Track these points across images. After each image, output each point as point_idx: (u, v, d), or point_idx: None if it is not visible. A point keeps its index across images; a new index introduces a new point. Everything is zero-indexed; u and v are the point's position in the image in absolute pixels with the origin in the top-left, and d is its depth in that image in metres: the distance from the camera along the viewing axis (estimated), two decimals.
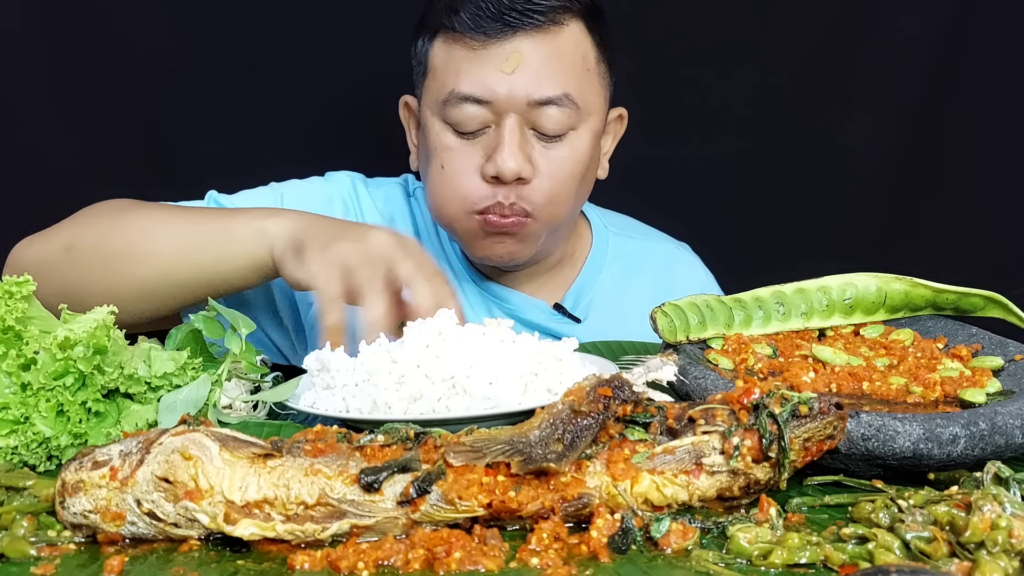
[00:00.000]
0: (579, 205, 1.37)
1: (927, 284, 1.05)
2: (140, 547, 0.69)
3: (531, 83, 1.24)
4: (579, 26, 1.28)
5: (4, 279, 0.92)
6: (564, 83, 1.25)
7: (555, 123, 1.26)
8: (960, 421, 0.77)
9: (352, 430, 0.76)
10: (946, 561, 0.64)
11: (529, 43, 1.24)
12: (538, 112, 1.25)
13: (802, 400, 0.74)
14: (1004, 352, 0.97)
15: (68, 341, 0.88)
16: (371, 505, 0.68)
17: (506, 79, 1.23)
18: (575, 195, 1.32)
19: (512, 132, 1.24)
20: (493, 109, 1.25)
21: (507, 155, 1.23)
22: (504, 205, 1.27)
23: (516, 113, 1.25)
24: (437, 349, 0.95)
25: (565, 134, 1.27)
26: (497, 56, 1.24)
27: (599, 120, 1.33)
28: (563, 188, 1.29)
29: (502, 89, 1.24)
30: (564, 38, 1.27)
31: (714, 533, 0.70)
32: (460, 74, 1.26)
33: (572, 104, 1.26)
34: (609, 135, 1.42)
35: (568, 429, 0.70)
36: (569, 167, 1.28)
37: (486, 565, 0.65)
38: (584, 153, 1.30)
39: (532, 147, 1.27)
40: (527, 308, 1.44)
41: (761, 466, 0.73)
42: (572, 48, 1.27)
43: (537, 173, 1.27)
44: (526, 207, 1.28)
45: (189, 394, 0.93)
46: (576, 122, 1.28)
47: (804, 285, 1.05)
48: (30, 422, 0.87)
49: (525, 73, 1.24)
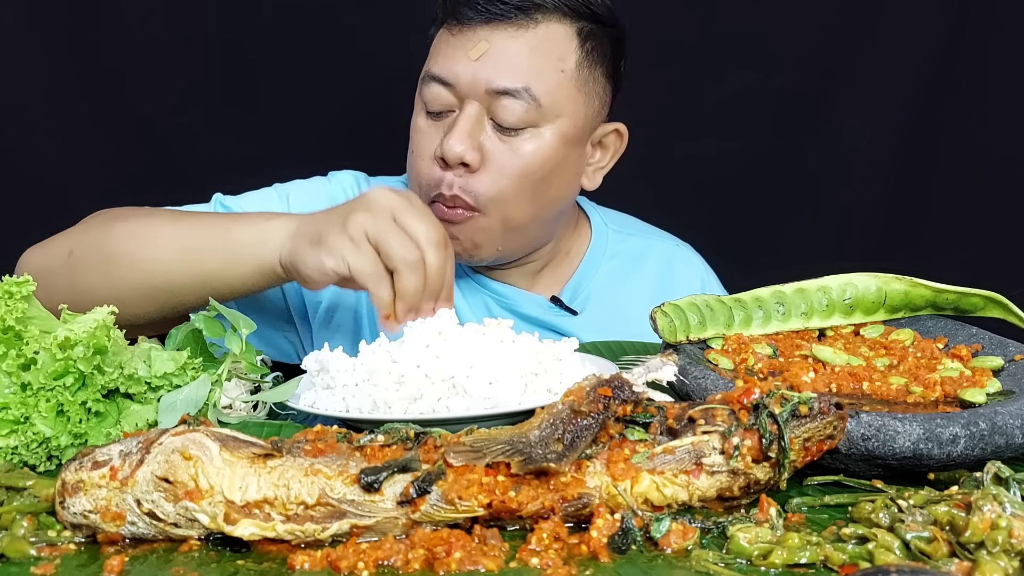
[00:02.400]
0: (542, 209, 1.33)
1: (927, 284, 1.05)
2: (140, 547, 0.69)
3: (493, 72, 1.26)
4: (562, 29, 1.29)
5: (4, 279, 0.92)
6: (527, 78, 1.26)
7: (512, 115, 1.26)
8: (960, 421, 0.77)
9: (352, 430, 0.76)
10: (946, 561, 0.64)
11: (500, 35, 1.27)
12: (497, 102, 1.26)
13: (802, 400, 0.74)
14: (1004, 352, 0.97)
15: (68, 341, 0.88)
16: (371, 505, 0.68)
17: (471, 65, 1.26)
18: (533, 194, 1.30)
19: (467, 118, 1.26)
20: (456, 93, 1.27)
21: (454, 138, 1.25)
22: (446, 196, 1.28)
23: (477, 101, 1.27)
24: (437, 349, 0.95)
25: (523, 129, 1.27)
26: (468, 42, 1.27)
27: (573, 126, 1.31)
28: (510, 184, 1.28)
29: (465, 74, 1.26)
30: (538, 35, 1.27)
31: (714, 533, 0.70)
32: (436, 56, 1.31)
33: (533, 100, 1.26)
34: (607, 150, 1.40)
35: (568, 429, 0.71)
36: (521, 164, 1.28)
37: (486, 565, 0.65)
38: (544, 154, 1.28)
39: (486, 136, 1.27)
40: (524, 302, 1.44)
41: (761, 466, 0.73)
42: (547, 47, 1.28)
43: (486, 163, 1.27)
44: (468, 199, 1.28)
45: (189, 394, 0.93)
46: (537, 120, 1.27)
47: (804, 285, 1.05)
48: (30, 422, 0.87)
49: (490, 62, 1.26)
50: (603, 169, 1.41)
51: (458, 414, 0.88)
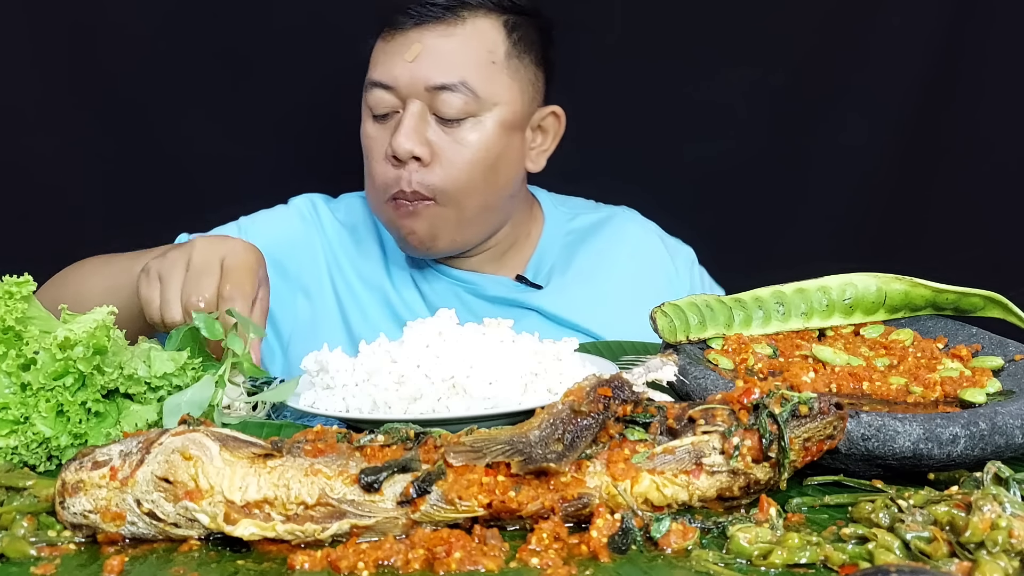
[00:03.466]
0: (493, 195, 1.41)
1: (927, 284, 1.05)
2: (140, 547, 0.69)
3: (430, 70, 1.34)
4: (489, 23, 1.37)
5: (4, 279, 0.92)
6: (462, 72, 1.34)
7: (453, 108, 1.34)
8: (960, 421, 0.77)
9: (352, 430, 0.76)
10: (946, 561, 0.64)
11: (431, 35, 1.35)
12: (437, 97, 1.34)
13: (802, 400, 0.74)
14: (1004, 352, 0.97)
15: (68, 341, 0.88)
16: (371, 505, 0.68)
17: (408, 67, 1.34)
18: (484, 182, 1.38)
19: (411, 115, 1.34)
20: (397, 94, 1.36)
21: (402, 135, 1.33)
22: (407, 192, 1.35)
23: (418, 99, 1.34)
24: (437, 349, 0.95)
25: (465, 120, 1.35)
26: (403, 46, 1.35)
27: (511, 112, 1.38)
28: (463, 172, 1.36)
29: (404, 75, 1.34)
30: (467, 31, 1.36)
31: (714, 533, 0.70)
32: (375, 64, 1.39)
33: (470, 92, 1.34)
34: (547, 133, 1.48)
35: (568, 429, 0.70)
36: (470, 153, 1.35)
37: (486, 565, 0.65)
38: (489, 141, 1.37)
39: (432, 130, 1.35)
40: (491, 285, 1.50)
41: (761, 466, 0.73)
42: (475, 42, 1.36)
43: (437, 157, 1.35)
44: (426, 192, 1.35)
45: (193, 396, 0.93)
46: (476, 110, 1.35)
47: (804, 285, 1.05)
48: (30, 422, 0.87)
49: (425, 61, 1.34)
50: (546, 152, 1.49)
51: (458, 414, 0.88)
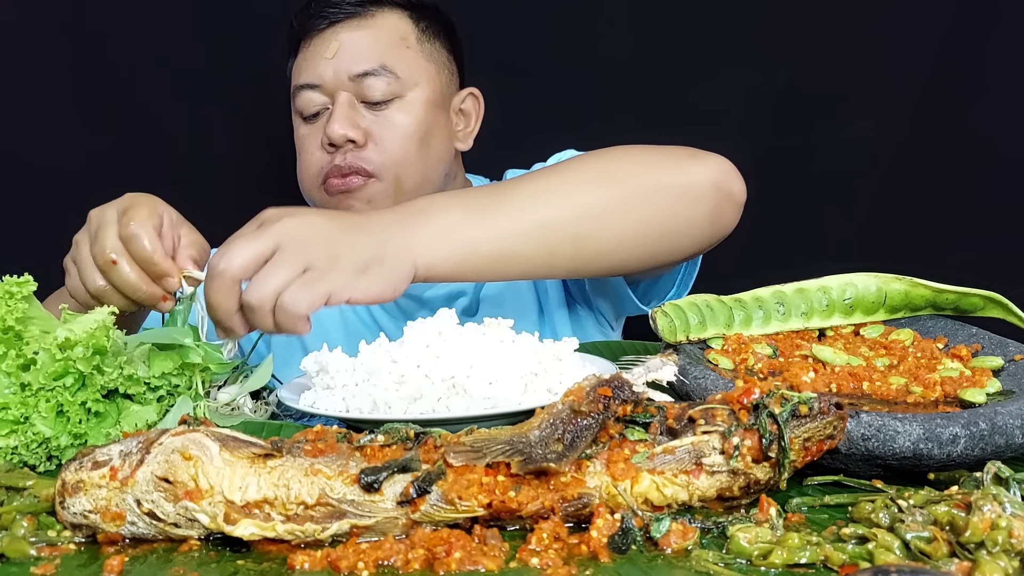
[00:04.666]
0: (429, 168, 1.48)
1: (927, 284, 1.05)
2: (140, 547, 0.69)
3: (351, 61, 1.43)
4: (397, 16, 1.48)
5: (4, 279, 0.92)
6: (380, 57, 1.44)
7: (378, 91, 1.43)
8: (960, 421, 0.77)
9: (352, 430, 0.76)
10: (946, 561, 0.64)
11: (347, 31, 1.45)
12: (362, 84, 1.43)
13: (802, 400, 0.74)
14: (1004, 352, 0.97)
15: (68, 341, 0.88)
16: (371, 505, 0.68)
17: (330, 63, 1.44)
18: (417, 156, 1.46)
19: (341, 105, 1.43)
20: (324, 91, 1.44)
21: (336, 122, 1.41)
22: (341, 167, 1.42)
23: (344, 90, 1.43)
24: (437, 349, 0.95)
25: (391, 101, 1.44)
26: (322, 47, 1.45)
27: (433, 91, 1.48)
28: (398, 147, 1.44)
29: (327, 72, 1.44)
30: (379, 23, 1.46)
31: (714, 533, 0.70)
32: (299, 70, 1.48)
33: (391, 74, 1.43)
34: (470, 115, 1.57)
35: (568, 429, 0.70)
36: (401, 131, 1.44)
37: (486, 565, 0.65)
38: (417, 117, 1.45)
39: (363, 117, 1.43)
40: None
41: (761, 466, 0.73)
42: (388, 31, 1.46)
43: (372, 138, 1.43)
44: (365, 166, 1.43)
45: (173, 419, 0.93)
46: (400, 90, 1.44)
47: (804, 285, 1.05)
48: (30, 422, 0.87)
49: (345, 55, 1.44)
50: (472, 132, 1.58)
51: (458, 414, 0.88)
